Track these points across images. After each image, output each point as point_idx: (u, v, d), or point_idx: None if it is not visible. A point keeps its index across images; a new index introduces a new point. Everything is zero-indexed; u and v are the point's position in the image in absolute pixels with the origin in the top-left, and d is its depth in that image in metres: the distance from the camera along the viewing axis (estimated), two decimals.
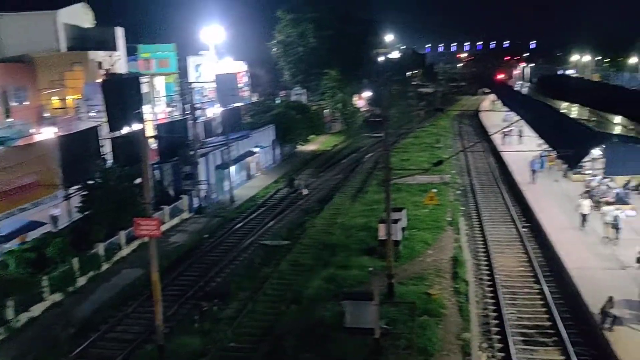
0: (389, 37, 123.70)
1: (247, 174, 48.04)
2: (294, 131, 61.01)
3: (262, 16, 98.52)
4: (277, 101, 73.12)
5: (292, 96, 79.83)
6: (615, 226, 26.15)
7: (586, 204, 28.46)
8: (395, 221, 25.48)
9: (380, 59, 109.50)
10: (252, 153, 48.78)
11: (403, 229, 28.03)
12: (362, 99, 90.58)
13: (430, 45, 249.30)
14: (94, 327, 22.12)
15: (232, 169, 43.01)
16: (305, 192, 42.34)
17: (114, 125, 35.51)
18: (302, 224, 34.45)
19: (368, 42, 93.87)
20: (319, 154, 62.14)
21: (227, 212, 38.44)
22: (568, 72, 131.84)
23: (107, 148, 35.57)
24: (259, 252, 30.04)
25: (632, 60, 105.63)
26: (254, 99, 71.88)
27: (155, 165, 37.04)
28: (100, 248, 28.30)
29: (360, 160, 55.25)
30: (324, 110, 79.37)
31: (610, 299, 18.75)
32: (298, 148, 64.14)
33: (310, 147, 66.25)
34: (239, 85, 62.39)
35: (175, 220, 35.98)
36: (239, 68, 67.65)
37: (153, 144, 37.88)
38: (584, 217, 28.44)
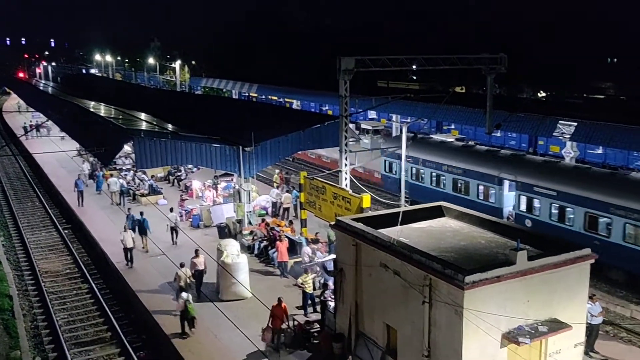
0: None
1: None
2: None
3: None
4: None
5: None
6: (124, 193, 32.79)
7: (128, 237, 24.18)
8: None
9: None
10: None
11: None
12: None
13: None
14: None
15: None
16: None
17: None
18: None
19: None
20: None
21: None
22: (92, 71, 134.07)
23: None
24: None
25: (150, 61, 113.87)
26: None
27: None
28: None
29: None
30: None
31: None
32: None
33: None
34: None
35: None
36: None
37: None
38: (129, 252, 24.14)
